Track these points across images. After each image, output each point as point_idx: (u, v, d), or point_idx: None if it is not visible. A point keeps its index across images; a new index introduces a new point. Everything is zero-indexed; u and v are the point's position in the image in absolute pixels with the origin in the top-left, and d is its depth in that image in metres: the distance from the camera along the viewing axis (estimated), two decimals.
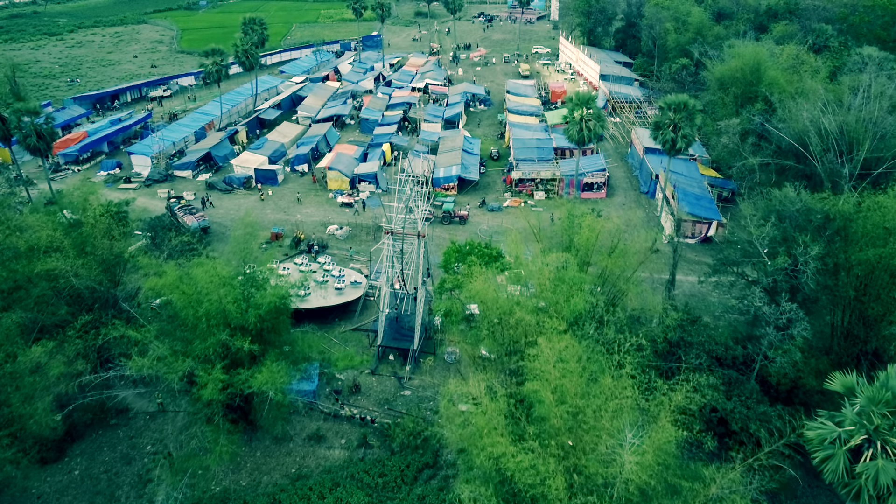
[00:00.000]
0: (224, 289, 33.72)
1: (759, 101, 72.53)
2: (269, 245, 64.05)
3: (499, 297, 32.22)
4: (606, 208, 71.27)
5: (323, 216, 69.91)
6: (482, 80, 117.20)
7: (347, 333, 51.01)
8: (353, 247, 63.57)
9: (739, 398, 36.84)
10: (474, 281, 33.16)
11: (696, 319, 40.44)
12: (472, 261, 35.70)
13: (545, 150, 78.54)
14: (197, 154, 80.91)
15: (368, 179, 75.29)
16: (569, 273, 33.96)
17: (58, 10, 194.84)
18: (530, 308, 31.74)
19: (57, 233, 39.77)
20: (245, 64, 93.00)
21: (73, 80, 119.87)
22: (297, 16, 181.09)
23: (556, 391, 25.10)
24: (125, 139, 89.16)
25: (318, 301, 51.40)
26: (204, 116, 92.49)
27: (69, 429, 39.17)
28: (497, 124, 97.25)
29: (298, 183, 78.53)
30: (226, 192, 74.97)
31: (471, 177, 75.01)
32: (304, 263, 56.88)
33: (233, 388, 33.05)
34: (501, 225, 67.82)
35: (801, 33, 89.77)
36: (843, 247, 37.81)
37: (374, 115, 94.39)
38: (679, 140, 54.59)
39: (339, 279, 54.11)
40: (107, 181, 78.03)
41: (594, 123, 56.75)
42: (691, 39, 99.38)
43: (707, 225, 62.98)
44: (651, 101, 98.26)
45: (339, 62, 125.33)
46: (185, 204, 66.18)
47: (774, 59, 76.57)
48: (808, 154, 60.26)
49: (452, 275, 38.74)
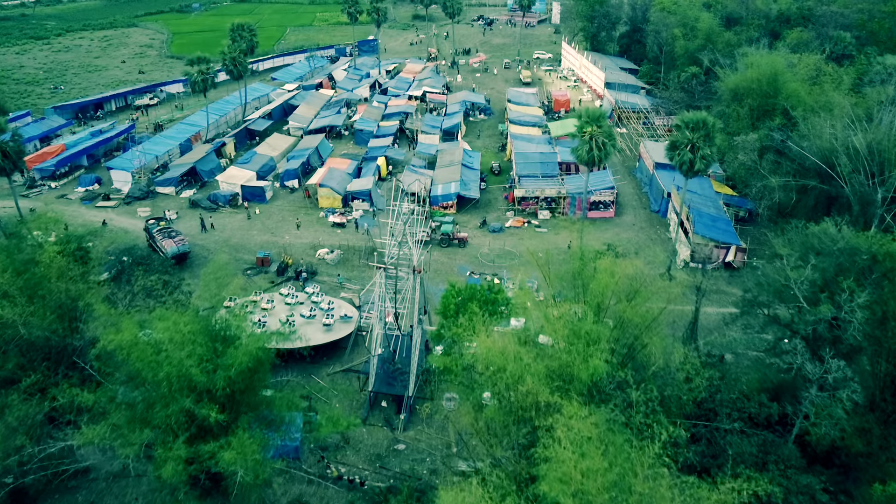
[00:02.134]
0: (188, 347, 29.21)
1: (777, 114, 68.23)
2: (255, 271, 59.55)
3: (506, 359, 27.76)
4: (615, 229, 67.17)
5: (313, 237, 65.42)
6: (482, 88, 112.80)
7: (336, 376, 46.61)
8: (343, 273, 59.13)
9: (777, 466, 32.48)
10: (476, 337, 28.77)
11: (724, 374, 36.14)
12: (474, 311, 31.22)
13: (549, 164, 74.11)
14: (180, 169, 76.37)
15: (362, 197, 70.83)
16: (585, 325, 29.55)
17: (47, 12, 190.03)
18: (542, 373, 27.36)
19: (6, 274, 35.27)
20: (233, 73, 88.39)
21: (57, 86, 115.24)
22: (292, 19, 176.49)
23: (577, 496, 20.70)
24: (107, 152, 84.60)
25: (304, 340, 46.81)
26: (190, 127, 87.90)
27: (18, 494, 34.65)
28: (498, 135, 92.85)
29: (288, 200, 74.03)
30: (210, 211, 70.42)
31: (471, 195, 70.59)
32: (290, 294, 52.40)
33: (198, 463, 28.59)
34: (504, 247, 63.52)
35: (817, 41, 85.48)
36: (894, 292, 33.47)
37: (370, 125, 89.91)
38: (697, 161, 50.22)
39: (328, 313, 49.65)
40: (84, 198, 73.49)
41: (605, 142, 52.32)
42: (700, 46, 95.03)
43: (725, 250, 58.56)
44: (659, 110, 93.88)
45: (333, 68, 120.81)
46: (165, 226, 61.61)
47: (793, 69, 72.21)
48: (835, 174, 55.97)
49: (451, 323, 34.24)
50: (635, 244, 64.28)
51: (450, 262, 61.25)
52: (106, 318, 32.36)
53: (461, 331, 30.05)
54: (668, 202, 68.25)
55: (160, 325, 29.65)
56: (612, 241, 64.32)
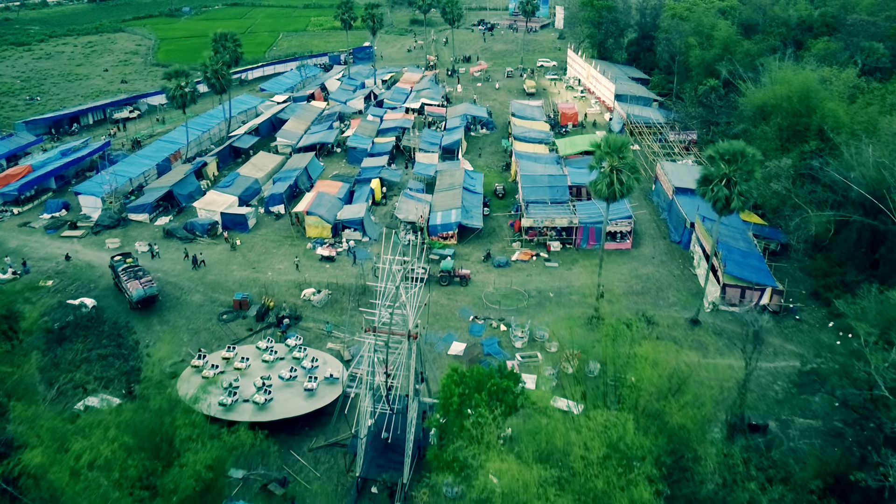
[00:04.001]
0: (115, 472, 22.79)
1: (811, 136, 61.89)
2: (231, 315, 53.02)
3: (527, 492, 21.35)
4: (633, 263, 60.79)
5: (298, 274, 58.88)
6: (483, 99, 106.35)
7: (319, 451, 40.14)
8: (331, 318, 52.66)
9: None
10: (490, 459, 22.36)
11: (775, 460, 29.81)
12: (482, 412, 24.74)
13: (559, 189, 67.60)
14: (156, 193, 69.76)
15: (354, 226, 64.34)
16: (625, 434, 23.19)
17: (31, 16, 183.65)
18: None
19: None
20: (215, 86, 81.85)
21: (33, 97, 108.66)
22: (286, 24, 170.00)
23: None
24: (78, 172, 78.04)
25: (282, 409, 40.47)
26: (169, 145, 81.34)
27: None
28: (501, 152, 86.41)
29: (273, 228, 67.47)
30: (185, 241, 63.89)
31: (473, 224, 64.10)
32: (268, 349, 45.91)
33: None
34: (511, 286, 57.07)
35: (846, 52, 79.05)
36: None
37: (364, 142, 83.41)
38: (735, 199, 43.77)
39: (311, 374, 43.17)
40: (49, 226, 66.96)
41: (628, 176, 45.88)
42: (717, 56, 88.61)
43: (760, 292, 52.14)
44: (675, 125, 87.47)
45: (326, 78, 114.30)
46: (132, 264, 55.04)
47: (826, 85, 65.79)
48: (886, 209, 49.61)
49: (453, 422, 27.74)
50: (656, 281, 57.92)
51: (450, 305, 54.79)
52: (24, 418, 25.95)
53: (467, 444, 23.56)
54: (690, 232, 61.84)
55: (80, 444, 23.15)
56: (631, 278, 58.36)
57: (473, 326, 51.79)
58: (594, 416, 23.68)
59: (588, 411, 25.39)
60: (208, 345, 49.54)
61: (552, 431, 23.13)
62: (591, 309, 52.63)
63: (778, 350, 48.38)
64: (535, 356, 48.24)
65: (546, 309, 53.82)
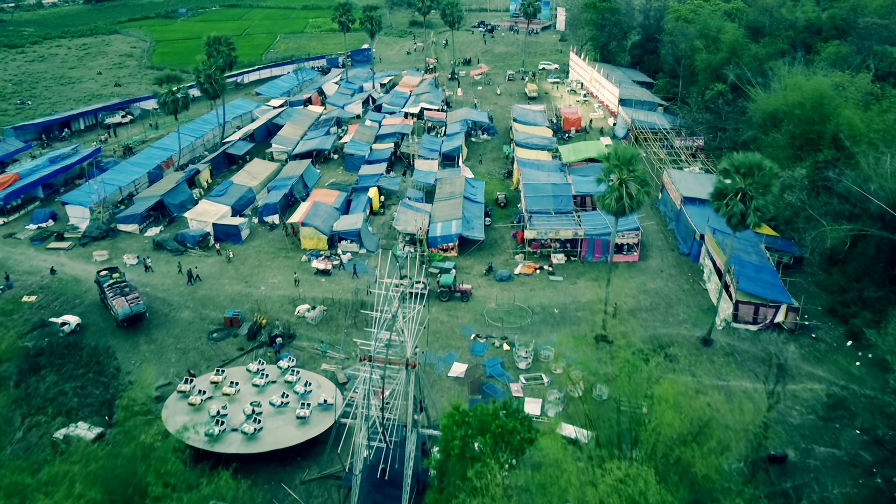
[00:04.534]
0: None
1: (826, 145, 59.61)
2: (222, 334, 50.70)
3: None
4: (641, 276, 58.52)
5: (293, 289, 56.57)
6: (484, 103, 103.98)
7: (311, 484, 37.85)
8: (326, 338, 50.36)
9: None
10: None
11: None
12: (487, 460, 22.44)
13: (563, 199, 65.29)
14: (146, 203, 67.45)
15: (350, 237, 62.06)
16: (648, 491, 20.91)
17: (26, 17, 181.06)
18: None
19: None
20: (208, 91, 79.54)
21: (24, 101, 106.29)
22: (283, 25, 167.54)
23: None
24: (67, 180, 75.71)
25: (273, 439, 38.19)
26: (161, 152, 79.00)
27: None
28: (503, 159, 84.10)
29: (266, 239, 65.18)
30: (176, 254, 61.61)
31: (475, 235, 61.83)
32: (259, 372, 43.62)
33: None
34: (514, 301, 54.79)
35: (857, 56, 76.70)
36: None
37: (361, 149, 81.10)
38: (751, 214, 41.48)
39: (304, 401, 40.87)
40: (35, 237, 64.67)
41: (637, 190, 43.56)
42: (724, 60, 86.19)
43: (775, 309, 49.86)
44: (681, 131, 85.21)
45: (324, 81, 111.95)
46: (118, 280, 52.73)
47: (840, 91, 63.49)
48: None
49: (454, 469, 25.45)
50: (665, 297, 55.65)
51: (451, 322, 52.51)
52: None
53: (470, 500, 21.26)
54: (700, 244, 59.59)
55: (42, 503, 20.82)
56: (639, 293, 56.05)
57: (475, 346, 49.50)
58: (610, 468, 21.43)
59: (603, 460, 23.09)
60: (197, 365, 47.31)
61: (565, 487, 20.84)
62: (598, 328, 50.37)
63: (795, 371, 46.04)
64: (539, 378, 46.00)
65: (551, 326, 51.61)
